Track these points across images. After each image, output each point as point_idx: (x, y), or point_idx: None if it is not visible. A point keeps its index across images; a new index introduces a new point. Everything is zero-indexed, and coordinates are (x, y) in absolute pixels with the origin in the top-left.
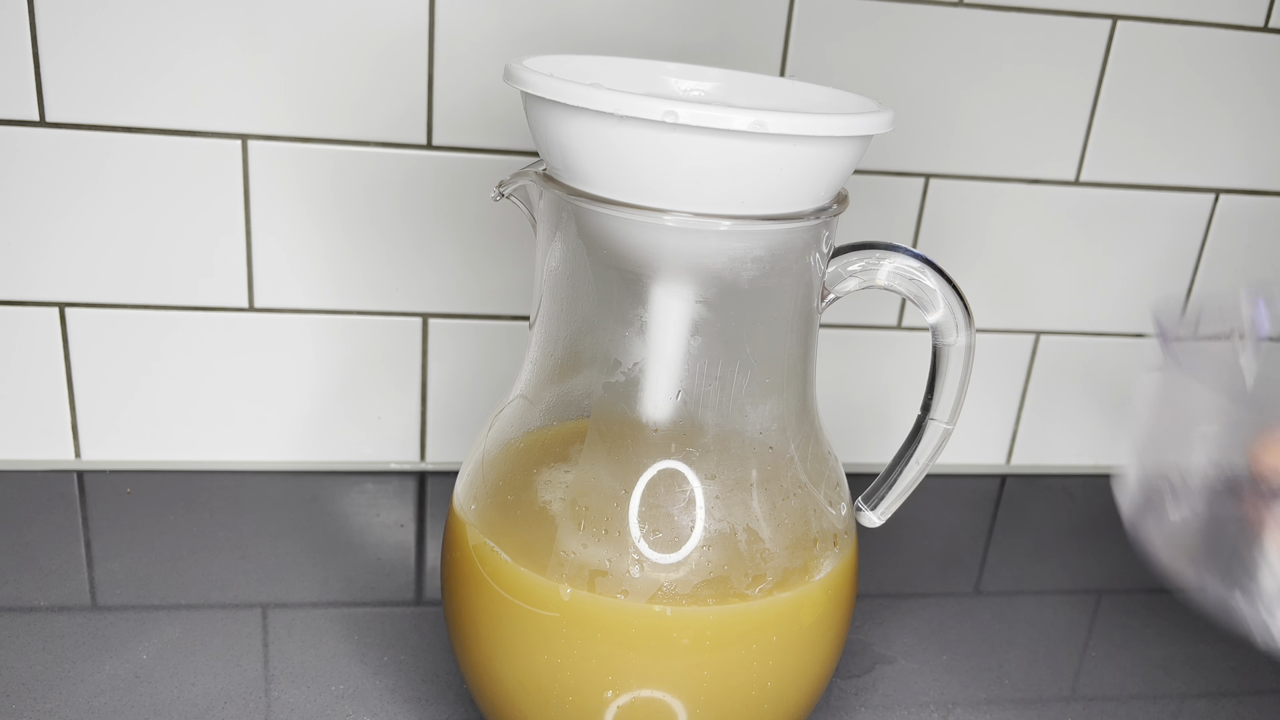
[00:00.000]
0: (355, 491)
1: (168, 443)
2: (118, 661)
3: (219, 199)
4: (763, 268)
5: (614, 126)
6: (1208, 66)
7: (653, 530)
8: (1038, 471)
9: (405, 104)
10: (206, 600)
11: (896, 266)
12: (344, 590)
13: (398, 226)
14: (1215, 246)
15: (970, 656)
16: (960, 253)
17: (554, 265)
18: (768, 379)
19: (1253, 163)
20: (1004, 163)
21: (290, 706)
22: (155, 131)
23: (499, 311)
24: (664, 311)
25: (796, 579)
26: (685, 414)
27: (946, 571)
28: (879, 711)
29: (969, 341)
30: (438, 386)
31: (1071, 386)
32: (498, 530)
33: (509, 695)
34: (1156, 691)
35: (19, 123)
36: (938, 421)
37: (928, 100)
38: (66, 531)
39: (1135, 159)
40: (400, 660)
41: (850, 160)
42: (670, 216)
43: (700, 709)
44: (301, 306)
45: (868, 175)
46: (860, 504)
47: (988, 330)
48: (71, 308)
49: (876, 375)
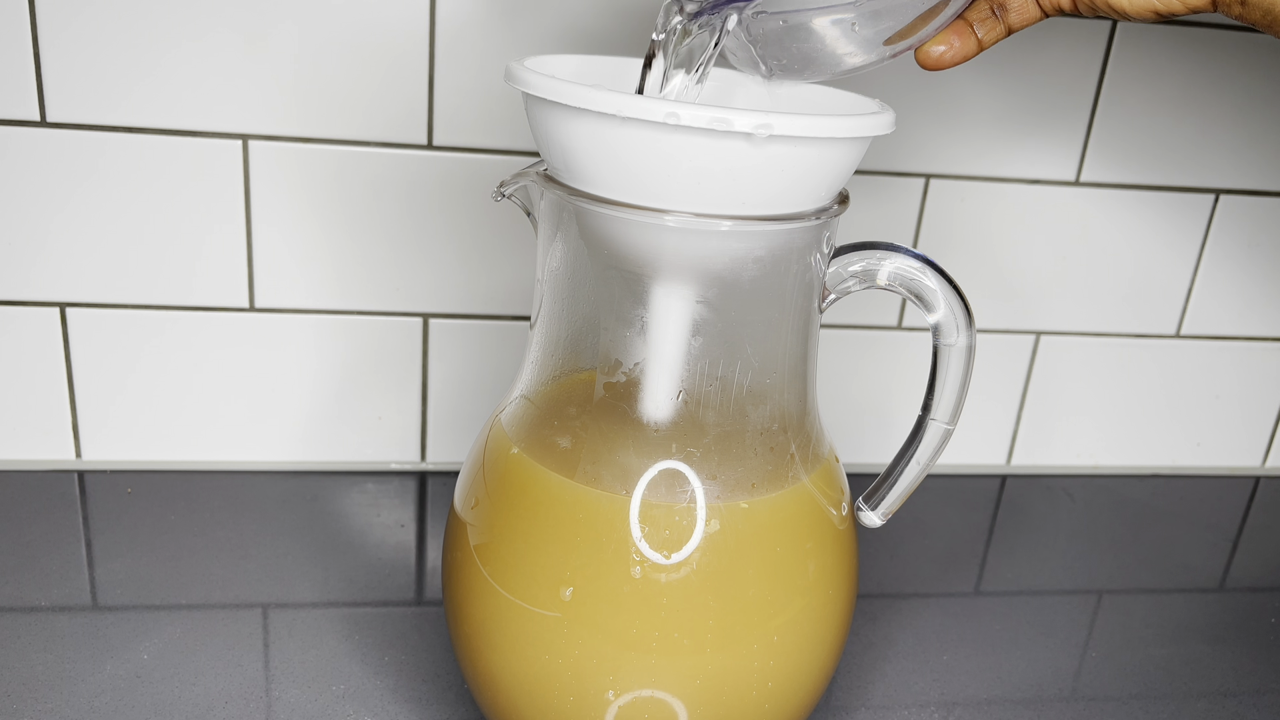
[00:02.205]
0: (356, 491)
1: (168, 442)
2: (118, 661)
3: (220, 199)
4: (763, 268)
5: (615, 128)
6: (1208, 66)
7: (653, 530)
8: (1038, 471)
9: (406, 104)
10: (207, 600)
11: (897, 267)
12: (344, 590)
13: (398, 227)
14: (1215, 246)
15: (970, 656)
16: (960, 253)
17: (555, 265)
18: (768, 379)
19: (1253, 163)
20: (1004, 163)
21: (290, 706)
22: (156, 132)
23: (499, 311)
24: (665, 312)
25: (797, 578)
26: (686, 414)
27: (946, 571)
28: (879, 711)
29: (969, 342)
30: (438, 386)
31: (1071, 386)
32: (498, 530)
33: (509, 695)
34: (1156, 691)
35: (20, 123)
36: (938, 422)
37: (928, 100)
38: (67, 531)
39: (1135, 159)
40: (400, 660)
41: (851, 161)
42: (671, 217)
43: (700, 709)
44: (302, 306)
45: (868, 175)
46: (860, 504)
47: (988, 330)
48: (72, 308)
49: (876, 375)
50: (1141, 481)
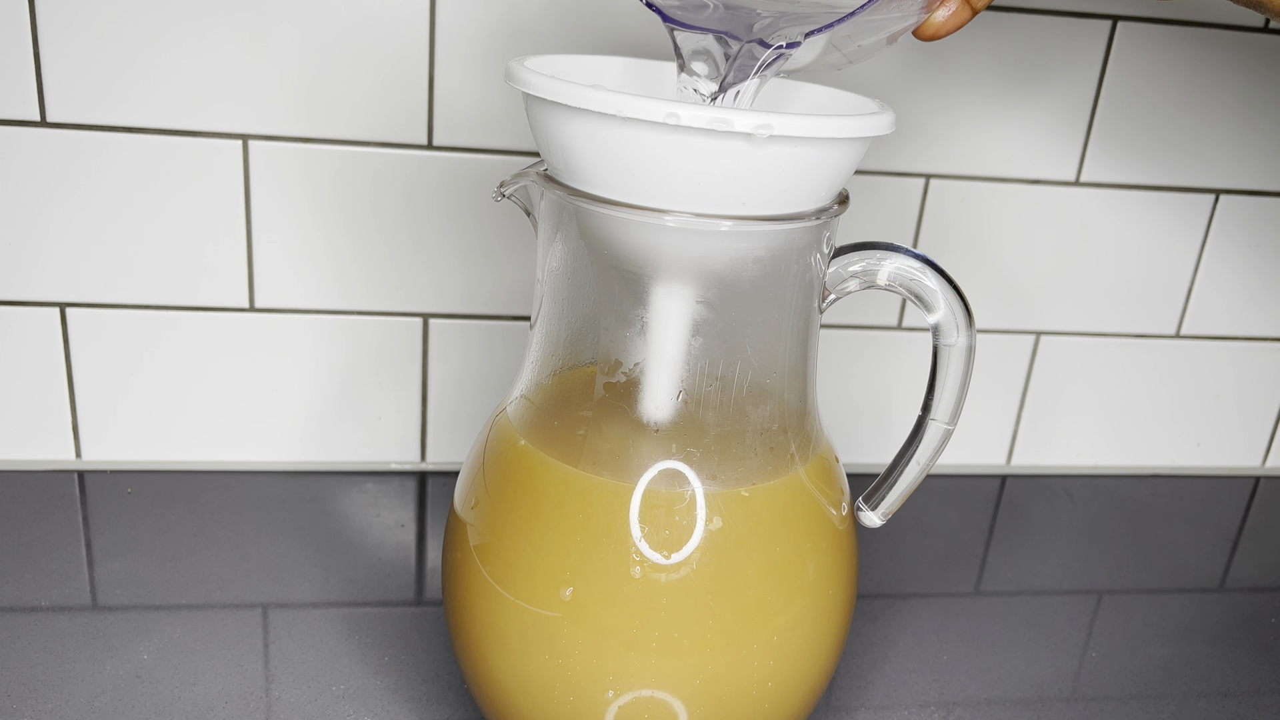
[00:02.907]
0: (356, 491)
1: (168, 443)
2: (118, 661)
3: (220, 199)
4: (763, 268)
5: (615, 128)
6: (1208, 66)
7: (653, 530)
8: (1038, 471)
9: (406, 104)
10: (207, 600)
11: (897, 267)
12: (344, 590)
13: (398, 227)
14: (1215, 246)
15: (970, 656)
16: (960, 253)
17: (555, 265)
18: (768, 379)
19: (1253, 163)
20: (1004, 163)
21: (290, 706)
22: (155, 132)
23: (499, 311)
24: (665, 312)
25: (797, 579)
26: (686, 414)
27: (946, 571)
28: (879, 711)
29: (969, 342)
30: (438, 386)
31: (1071, 386)
32: (498, 530)
33: (509, 695)
34: (1156, 691)
35: (20, 123)
36: (938, 422)
37: (928, 100)
38: (67, 531)
39: (1135, 159)
40: (400, 660)
41: (852, 161)
42: (671, 217)
43: (700, 709)
44: (302, 307)
45: (868, 175)
46: (860, 504)
47: (988, 330)
48: (72, 308)
49: (876, 375)
50: (1141, 481)
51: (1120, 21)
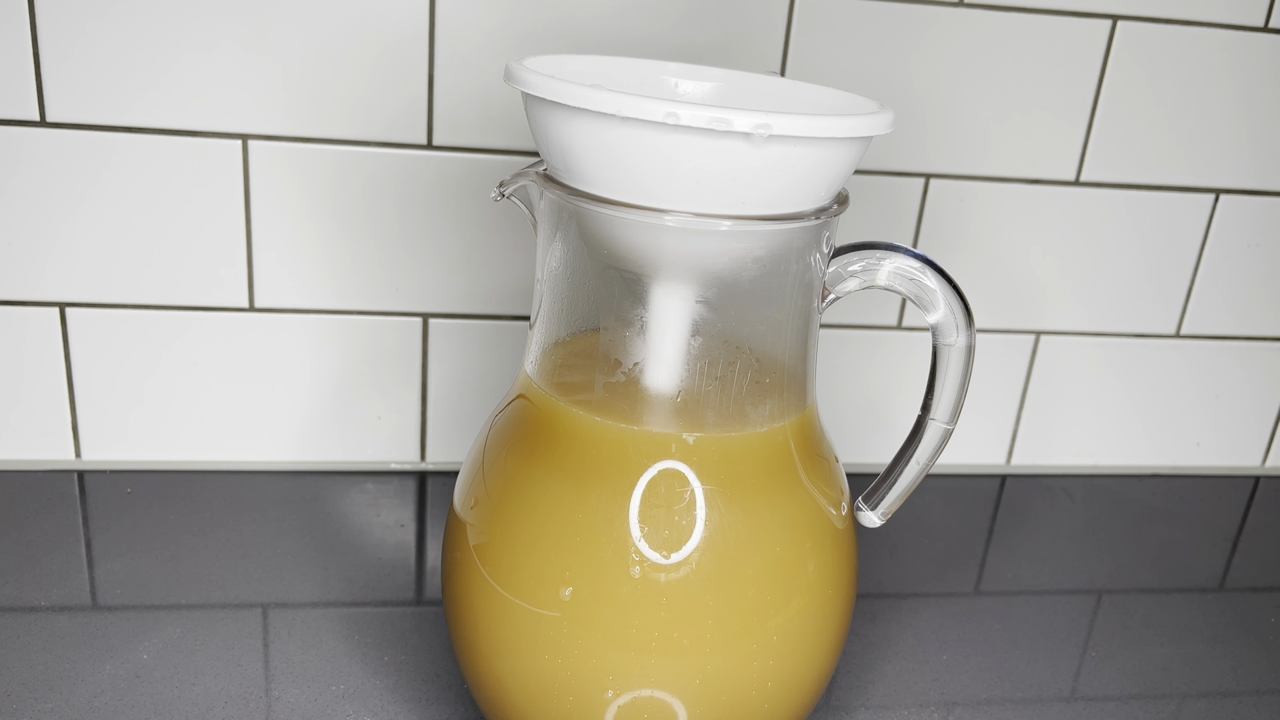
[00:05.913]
0: (355, 491)
1: (168, 442)
2: (118, 661)
3: (219, 199)
4: (763, 268)
5: (615, 128)
6: (1208, 66)
7: (653, 531)
8: (1038, 471)
9: (406, 104)
10: (207, 600)
11: (897, 266)
12: (344, 590)
13: (398, 226)
14: (1215, 246)
15: (970, 656)
16: (960, 253)
17: (554, 265)
18: (768, 379)
19: (1253, 163)
20: (1004, 163)
21: (290, 706)
22: (155, 131)
23: (499, 311)
24: (664, 311)
25: (797, 578)
26: (685, 414)
27: (946, 571)
28: (879, 711)
29: (969, 342)
30: (438, 386)
31: (1071, 386)
32: (498, 530)
33: (509, 695)
34: (1156, 691)
35: (20, 123)
36: (938, 422)
37: (928, 100)
38: (67, 531)
39: (1135, 159)
40: (400, 660)
41: (851, 161)
42: (671, 217)
43: (700, 709)
44: (302, 306)
45: (868, 175)
46: (860, 504)
47: (988, 330)
48: (72, 308)
49: (876, 375)
50: (1141, 481)
51: (1120, 21)
